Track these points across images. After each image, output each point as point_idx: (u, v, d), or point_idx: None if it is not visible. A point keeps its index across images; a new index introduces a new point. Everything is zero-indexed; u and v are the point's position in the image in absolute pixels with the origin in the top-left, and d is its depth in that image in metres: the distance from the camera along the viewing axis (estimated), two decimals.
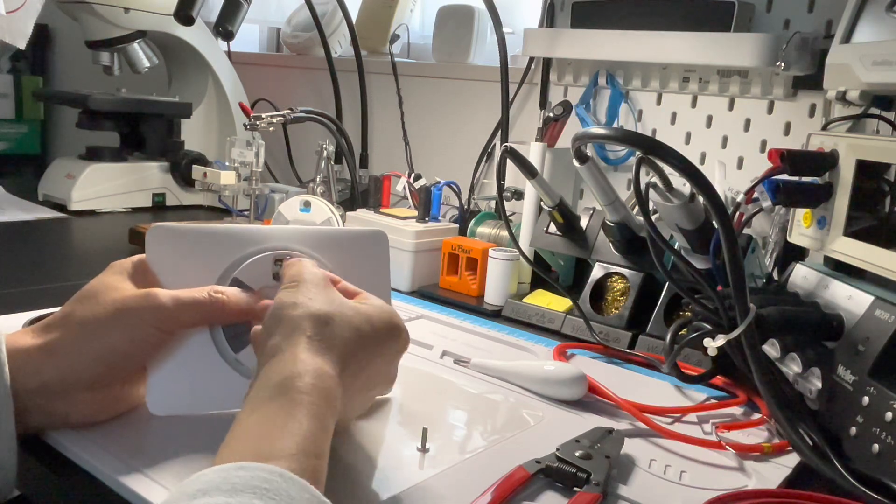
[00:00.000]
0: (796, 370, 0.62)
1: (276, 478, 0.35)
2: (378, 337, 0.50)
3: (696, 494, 0.51)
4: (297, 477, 0.36)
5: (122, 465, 0.48)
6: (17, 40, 0.70)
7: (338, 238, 0.60)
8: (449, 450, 0.55)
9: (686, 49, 0.97)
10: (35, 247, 1.13)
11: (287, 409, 0.41)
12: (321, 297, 0.49)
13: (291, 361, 0.44)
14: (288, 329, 0.46)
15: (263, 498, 0.34)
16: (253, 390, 0.44)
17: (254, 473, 0.35)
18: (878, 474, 0.52)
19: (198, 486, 0.34)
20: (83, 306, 0.51)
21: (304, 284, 0.50)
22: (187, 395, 0.54)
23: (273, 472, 0.36)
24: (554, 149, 1.04)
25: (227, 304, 0.52)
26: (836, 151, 0.66)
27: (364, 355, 0.49)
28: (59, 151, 2.28)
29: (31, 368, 0.49)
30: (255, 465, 0.36)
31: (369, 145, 1.51)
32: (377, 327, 0.50)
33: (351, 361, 0.48)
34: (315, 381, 0.43)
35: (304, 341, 0.46)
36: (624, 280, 0.86)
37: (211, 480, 0.35)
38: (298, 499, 0.35)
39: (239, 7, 1.26)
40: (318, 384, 0.43)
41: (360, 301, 0.52)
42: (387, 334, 0.51)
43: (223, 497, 0.33)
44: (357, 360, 0.48)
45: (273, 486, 0.35)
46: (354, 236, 0.60)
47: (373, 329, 0.50)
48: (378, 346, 0.51)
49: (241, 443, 0.40)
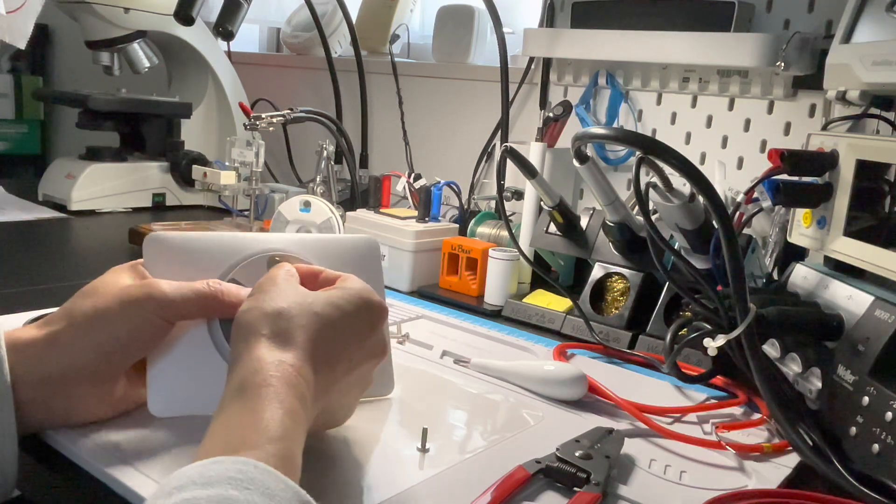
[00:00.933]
0: (796, 370, 0.62)
1: (250, 468, 0.36)
2: (346, 315, 0.50)
3: (696, 494, 0.51)
4: (269, 467, 0.37)
5: (122, 465, 0.48)
6: (17, 40, 0.70)
7: (329, 245, 0.60)
8: (449, 450, 0.55)
9: (686, 49, 0.97)
10: (35, 247, 1.13)
11: (249, 403, 0.42)
12: (279, 295, 0.49)
13: (249, 361, 0.45)
14: (245, 333, 0.47)
15: (238, 488, 0.35)
16: (222, 397, 0.45)
17: (227, 466, 0.36)
18: (878, 474, 0.52)
19: (174, 484, 0.35)
20: (84, 300, 0.51)
21: (264, 287, 0.50)
22: (187, 395, 0.55)
23: (246, 462, 0.37)
24: (554, 149, 1.04)
25: (226, 294, 0.53)
26: (836, 151, 0.66)
27: (334, 336, 0.49)
28: (59, 151, 2.28)
29: (33, 361, 0.49)
30: (228, 459, 0.37)
31: (369, 145, 1.51)
32: (343, 307, 0.50)
33: (319, 347, 0.48)
34: (274, 372, 0.44)
35: (262, 341, 0.46)
36: (624, 280, 0.86)
37: (187, 476, 0.36)
38: (273, 487, 0.36)
39: (239, 7, 1.26)
40: (276, 374, 0.44)
41: (337, 286, 0.52)
42: (355, 311, 0.51)
43: (199, 490, 0.35)
44: (326, 343, 0.48)
45: (247, 475, 0.36)
46: (346, 243, 0.61)
47: (338, 309, 0.50)
48: (349, 324, 0.50)
49: (212, 441, 0.41)
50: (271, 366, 0.44)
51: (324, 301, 0.50)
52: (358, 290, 0.52)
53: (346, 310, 0.50)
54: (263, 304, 0.48)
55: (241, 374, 0.44)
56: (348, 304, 0.50)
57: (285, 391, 0.43)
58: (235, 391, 0.44)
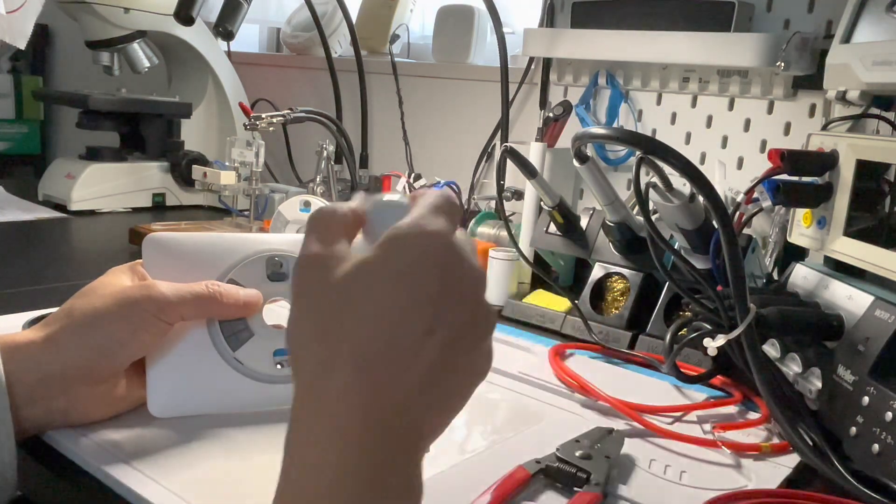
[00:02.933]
0: (796, 370, 0.62)
1: None
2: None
3: (696, 494, 0.51)
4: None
5: (122, 465, 0.48)
6: (17, 40, 0.70)
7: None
8: (449, 450, 0.55)
9: (686, 49, 0.97)
10: (35, 247, 1.13)
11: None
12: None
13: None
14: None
15: None
16: None
17: None
18: (878, 474, 0.52)
19: None
20: (84, 300, 0.51)
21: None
22: (188, 395, 0.55)
23: None
24: (554, 149, 1.04)
25: (225, 296, 0.53)
26: (836, 151, 0.66)
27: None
28: (59, 151, 2.28)
29: (32, 361, 0.49)
30: None
31: (369, 145, 1.51)
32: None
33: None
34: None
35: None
36: (624, 280, 0.86)
37: None
38: None
39: (239, 7, 1.26)
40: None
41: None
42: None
43: None
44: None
45: None
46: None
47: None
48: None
49: None
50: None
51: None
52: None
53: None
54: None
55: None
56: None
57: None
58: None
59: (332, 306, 0.34)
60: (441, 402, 0.36)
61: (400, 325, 0.34)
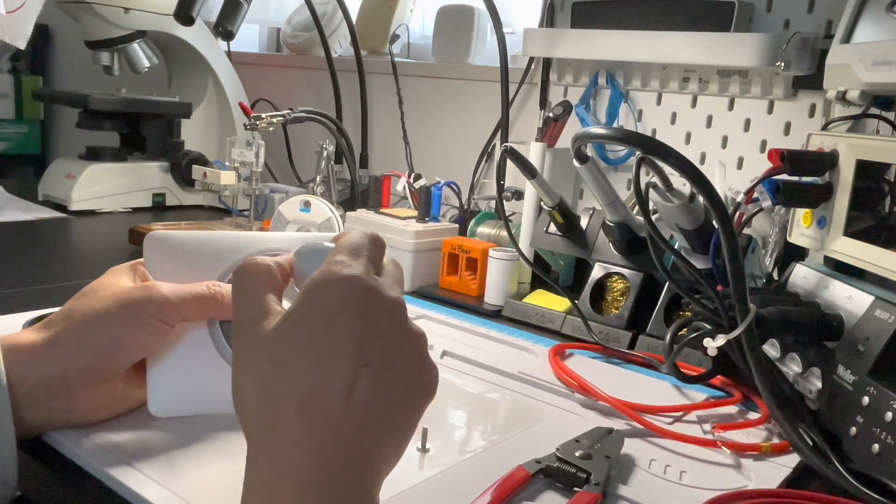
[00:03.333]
0: (796, 370, 0.62)
1: None
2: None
3: (696, 494, 0.51)
4: None
5: (122, 465, 0.48)
6: (17, 40, 0.70)
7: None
8: (449, 450, 0.55)
9: (686, 49, 0.97)
10: (35, 247, 1.13)
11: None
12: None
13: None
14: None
15: None
16: None
17: None
18: (878, 474, 0.52)
19: None
20: (84, 301, 0.51)
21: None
22: (188, 396, 0.55)
23: None
24: (554, 149, 1.04)
25: (226, 297, 0.53)
26: (836, 151, 0.66)
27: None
28: (59, 151, 2.28)
29: (33, 363, 0.49)
30: None
31: (369, 145, 1.51)
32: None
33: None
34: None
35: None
36: (624, 280, 0.86)
37: None
38: None
39: (239, 7, 1.26)
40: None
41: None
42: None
43: None
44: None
45: None
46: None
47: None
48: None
49: None
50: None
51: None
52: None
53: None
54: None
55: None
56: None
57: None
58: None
59: (268, 360, 0.37)
60: (388, 429, 0.37)
61: (330, 364, 0.36)
